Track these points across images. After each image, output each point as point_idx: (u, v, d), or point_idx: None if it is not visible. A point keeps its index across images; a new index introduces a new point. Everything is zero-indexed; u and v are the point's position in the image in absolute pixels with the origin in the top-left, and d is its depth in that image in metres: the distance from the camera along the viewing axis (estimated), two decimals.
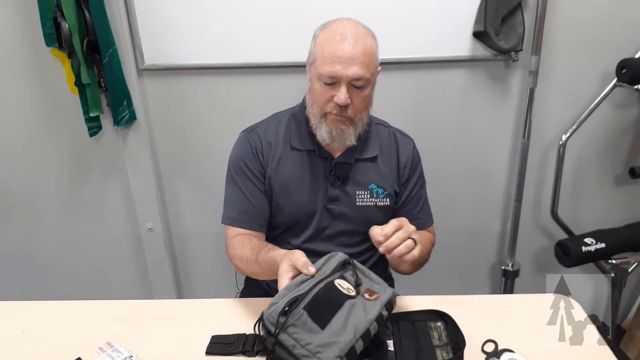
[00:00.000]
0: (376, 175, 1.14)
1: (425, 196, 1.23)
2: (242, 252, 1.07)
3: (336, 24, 1.03)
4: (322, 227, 1.15)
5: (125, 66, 1.52)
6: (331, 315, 0.81)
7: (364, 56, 0.99)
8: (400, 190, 1.18)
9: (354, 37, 0.99)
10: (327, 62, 0.99)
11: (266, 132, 1.15)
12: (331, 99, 1.02)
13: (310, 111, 1.08)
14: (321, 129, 1.06)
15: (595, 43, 1.54)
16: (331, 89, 1.01)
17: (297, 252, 0.88)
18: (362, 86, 1.02)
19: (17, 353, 0.95)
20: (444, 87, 1.61)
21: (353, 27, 1.01)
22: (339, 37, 0.99)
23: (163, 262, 1.84)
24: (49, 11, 1.41)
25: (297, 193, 1.13)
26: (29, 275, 1.94)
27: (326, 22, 1.06)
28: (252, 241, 1.08)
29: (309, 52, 1.07)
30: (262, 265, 1.00)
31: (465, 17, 1.49)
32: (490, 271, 1.92)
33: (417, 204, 1.20)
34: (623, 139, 1.69)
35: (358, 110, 1.05)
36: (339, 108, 1.02)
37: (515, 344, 0.90)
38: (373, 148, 1.15)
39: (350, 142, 1.07)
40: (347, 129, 1.05)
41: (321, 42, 1.02)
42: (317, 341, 0.77)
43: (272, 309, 0.78)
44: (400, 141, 1.18)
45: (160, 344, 0.95)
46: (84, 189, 1.78)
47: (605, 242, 1.51)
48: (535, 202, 1.78)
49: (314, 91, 1.05)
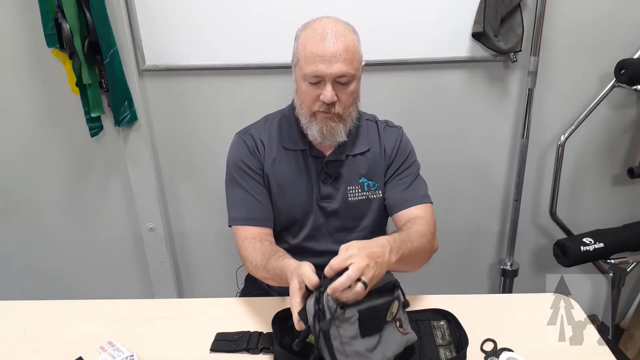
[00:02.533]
0: (366, 169, 1.15)
1: (415, 177, 1.17)
2: (253, 256, 1.06)
3: (316, 23, 1.04)
4: (318, 225, 1.17)
5: (126, 67, 1.52)
6: (373, 331, 0.81)
7: (346, 52, 1.00)
8: (386, 174, 1.17)
9: (334, 34, 1.00)
10: (310, 61, 1.00)
11: (259, 133, 1.16)
12: (318, 98, 1.03)
13: (300, 111, 1.09)
14: (312, 128, 1.07)
15: (594, 44, 1.55)
16: (317, 88, 1.02)
17: (305, 267, 0.84)
18: (347, 82, 1.03)
19: (18, 352, 0.95)
20: (443, 87, 1.61)
21: (333, 24, 1.02)
22: (320, 35, 1.00)
23: (164, 262, 1.85)
24: (50, 12, 1.42)
25: (293, 192, 1.14)
26: (30, 274, 1.95)
27: (307, 22, 1.07)
28: (263, 245, 1.07)
29: (292, 53, 1.08)
30: (271, 272, 0.99)
31: (464, 18, 1.50)
32: (489, 271, 1.92)
33: (404, 182, 1.15)
34: (621, 139, 1.70)
35: (346, 105, 1.06)
36: (327, 106, 1.03)
37: (514, 343, 0.90)
38: (363, 143, 1.16)
39: (340, 138, 1.08)
40: (336, 126, 1.06)
41: (303, 42, 1.03)
42: (354, 346, 0.78)
43: (330, 298, 0.77)
44: (387, 132, 1.19)
45: (161, 343, 0.96)
46: (85, 189, 1.79)
47: (603, 241, 1.51)
48: (534, 202, 1.79)
49: (300, 92, 1.07)
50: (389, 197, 1.16)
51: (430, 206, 1.14)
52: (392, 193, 1.15)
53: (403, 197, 1.14)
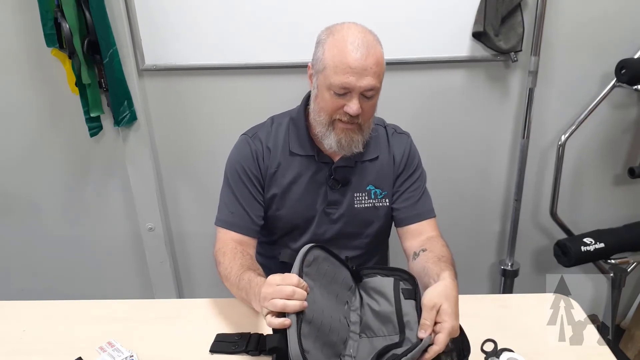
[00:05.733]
0: (374, 177, 1.14)
1: (423, 189, 1.19)
2: (230, 263, 1.04)
3: (344, 31, 0.99)
4: (321, 231, 1.15)
5: (126, 66, 1.52)
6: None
7: (377, 66, 0.97)
8: (395, 184, 1.17)
9: (365, 47, 0.96)
10: (340, 72, 0.96)
11: (267, 137, 1.13)
12: (341, 107, 1.00)
13: (317, 118, 1.05)
14: (329, 137, 1.04)
15: (594, 43, 1.54)
16: (341, 98, 0.99)
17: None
18: (372, 95, 1.00)
19: (17, 352, 0.95)
20: (444, 87, 1.61)
21: (363, 35, 0.98)
22: (351, 46, 0.95)
23: (163, 262, 1.84)
24: (49, 11, 1.42)
25: (296, 198, 1.13)
26: (29, 274, 1.95)
27: (331, 26, 1.02)
28: (244, 257, 1.05)
29: (316, 58, 1.02)
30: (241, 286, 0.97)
31: (464, 17, 1.50)
32: (490, 271, 1.92)
33: (414, 195, 1.16)
34: (622, 139, 1.69)
35: (367, 117, 1.04)
36: (349, 116, 1.00)
37: (515, 344, 0.90)
38: (373, 149, 1.14)
39: (357, 149, 1.06)
40: (356, 137, 1.04)
41: (330, 50, 0.98)
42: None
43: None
44: (396, 139, 1.17)
45: (161, 344, 0.95)
46: (84, 189, 1.79)
47: (604, 242, 1.51)
48: (535, 202, 1.79)
49: (322, 99, 1.02)
50: (399, 210, 1.15)
51: (435, 220, 1.16)
52: (402, 206, 1.15)
53: (413, 212, 1.14)
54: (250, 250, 1.12)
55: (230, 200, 1.12)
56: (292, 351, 0.72)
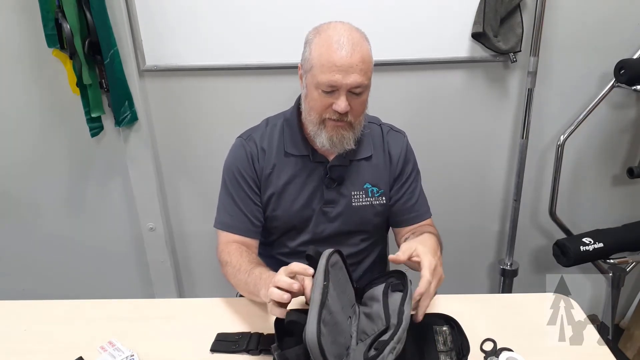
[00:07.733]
0: (370, 175, 1.15)
1: (420, 189, 1.21)
2: (239, 260, 1.05)
3: (330, 30, 1.00)
4: (319, 230, 1.16)
5: (127, 67, 1.53)
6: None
7: (362, 63, 0.98)
8: (393, 185, 1.18)
9: (351, 44, 0.97)
10: (326, 70, 0.97)
11: (261, 138, 1.14)
12: (329, 106, 1.01)
13: (307, 118, 1.07)
14: (321, 135, 1.05)
15: (593, 44, 1.55)
16: (330, 97, 1.00)
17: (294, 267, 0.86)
18: (360, 92, 1.01)
19: (18, 352, 0.95)
20: (443, 88, 1.62)
21: (348, 32, 0.99)
22: (336, 44, 0.97)
23: (164, 262, 1.85)
24: (50, 12, 1.42)
25: (292, 199, 1.13)
26: (30, 274, 1.95)
27: (319, 26, 1.04)
28: (250, 255, 1.08)
29: (304, 58, 1.04)
30: (250, 279, 0.99)
31: (463, 18, 1.50)
32: (489, 270, 1.93)
33: (412, 196, 1.18)
34: (621, 139, 1.70)
35: (357, 114, 1.05)
36: (339, 114, 1.01)
37: (514, 343, 0.90)
38: (367, 148, 1.15)
39: (349, 146, 1.07)
40: (347, 134, 1.05)
41: (317, 49, 0.99)
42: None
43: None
44: (392, 137, 1.18)
45: (162, 343, 0.96)
46: (85, 189, 1.79)
47: (603, 241, 1.51)
48: (534, 202, 1.79)
49: (311, 98, 1.03)
50: (398, 210, 1.17)
51: (431, 219, 1.21)
52: (400, 209, 1.17)
53: (412, 214, 1.18)
54: (252, 250, 1.13)
55: (229, 203, 1.14)
56: (308, 328, 0.71)
